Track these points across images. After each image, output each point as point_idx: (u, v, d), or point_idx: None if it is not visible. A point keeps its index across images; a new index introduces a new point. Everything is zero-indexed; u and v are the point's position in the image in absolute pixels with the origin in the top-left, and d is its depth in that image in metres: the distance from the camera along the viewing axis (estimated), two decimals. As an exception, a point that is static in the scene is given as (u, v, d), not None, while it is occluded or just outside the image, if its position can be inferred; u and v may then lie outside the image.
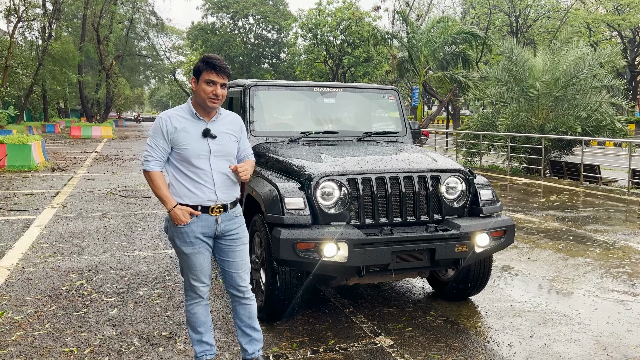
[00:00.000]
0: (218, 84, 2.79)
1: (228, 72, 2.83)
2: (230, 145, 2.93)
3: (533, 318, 4.07)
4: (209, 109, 2.85)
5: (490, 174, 13.25)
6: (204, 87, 2.78)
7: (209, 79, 2.78)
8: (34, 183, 11.29)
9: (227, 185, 2.91)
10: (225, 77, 2.82)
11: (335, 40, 34.59)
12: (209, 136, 2.85)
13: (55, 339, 3.61)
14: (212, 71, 2.78)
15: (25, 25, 29.08)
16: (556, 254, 5.82)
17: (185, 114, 2.87)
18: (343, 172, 3.70)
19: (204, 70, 2.78)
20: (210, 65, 2.78)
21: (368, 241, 3.49)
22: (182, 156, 2.81)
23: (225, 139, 2.91)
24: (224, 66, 2.81)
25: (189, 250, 2.86)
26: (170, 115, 2.86)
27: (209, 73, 2.78)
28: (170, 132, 2.80)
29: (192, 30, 52.00)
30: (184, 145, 2.80)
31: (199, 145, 2.82)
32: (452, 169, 3.98)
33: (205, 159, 2.84)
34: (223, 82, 2.81)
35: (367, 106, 5.33)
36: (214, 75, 2.78)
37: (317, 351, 3.47)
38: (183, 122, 2.83)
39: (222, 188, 2.88)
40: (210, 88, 2.78)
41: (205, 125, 2.87)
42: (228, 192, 2.91)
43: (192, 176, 2.82)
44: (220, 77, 2.79)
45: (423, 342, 3.63)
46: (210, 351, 3.06)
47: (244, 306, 3.05)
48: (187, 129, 2.82)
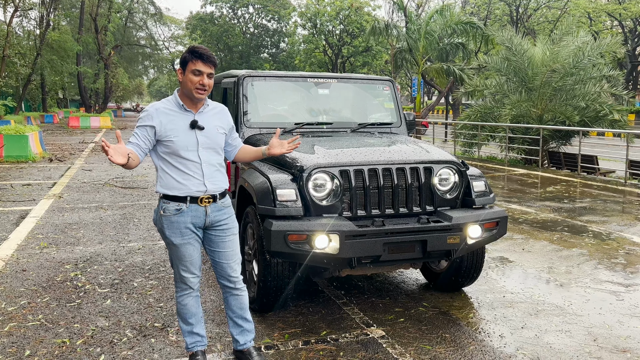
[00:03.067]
0: (205, 74, 2.77)
1: (214, 62, 2.81)
2: (218, 137, 2.92)
3: (525, 309, 4.08)
4: (195, 100, 2.84)
5: (488, 165, 13.24)
6: (190, 77, 2.76)
7: (196, 69, 2.76)
8: (31, 174, 11.28)
9: (215, 176, 2.91)
10: (211, 66, 2.80)
11: (335, 30, 34.41)
12: (197, 128, 2.83)
13: (48, 330, 3.63)
14: (198, 60, 2.75)
15: (23, 15, 28.88)
16: (551, 245, 5.83)
17: (172, 106, 2.85)
18: (335, 163, 3.69)
19: (190, 60, 2.76)
20: (197, 55, 2.76)
21: (360, 233, 3.49)
22: (171, 148, 2.80)
23: (212, 131, 2.90)
24: (210, 55, 2.79)
25: (179, 241, 2.86)
26: (157, 108, 2.83)
27: (196, 63, 2.76)
28: (156, 126, 2.77)
29: (191, 19, 51.73)
30: (172, 137, 2.79)
31: (187, 137, 2.81)
32: (445, 160, 3.97)
33: (194, 150, 2.83)
34: (210, 72, 2.80)
35: (362, 97, 5.31)
36: (200, 64, 2.76)
37: (309, 342, 3.48)
38: (170, 115, 2.82)
39: (210, 179, 2.88)
40: (197, 78, 2.76)
41: (193, 116, 2.85)
42: (217, 182, 2.91)
43: (181, 168, 2.82)
44: (207, 67, 2.77)
45: (414, 333, 3.64)
46: (201, 342, 3.07)
47: (235, 297, 3.07)
48: (175, 121, 2.81)
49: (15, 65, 30.06)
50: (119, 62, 41.00)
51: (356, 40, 31.99)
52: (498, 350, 3.40)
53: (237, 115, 4.74)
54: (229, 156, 3.15)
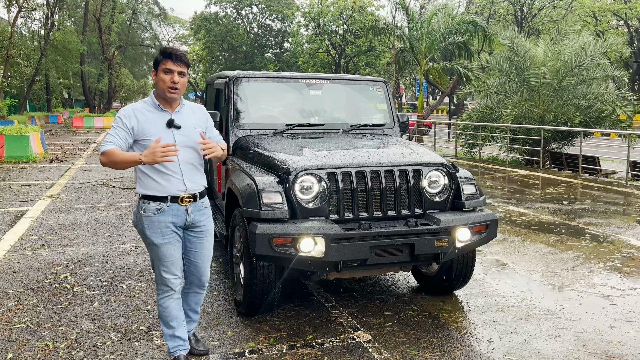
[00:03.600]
0: (175, 72, 2.81)
1: (184, 61, 2.85)
2: (195, 135, 2.95)
3: (516, 313, 4.03)
4: (169, 99, 2.87)
5: (489, 165, 13.15)
6: (162, 77, 2.81)
7: (166, 68, 2.81)
8: (31, 174, 11.30)
9: (194, 174, 2.96)
10: (182, 65, 2.84)
11: (338, 30, 34.35)
12: (174, 126, 2.87)
13: (32, 332, 3.61)
14: (168, 60, 2.81)
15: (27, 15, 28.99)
16: (547, 248, 5.77)
17: (148, 106, 2.89)
18: (322, 166, 3.65)
19: (161, 60, 2.82)
20: (166, 55, 2.82)
21: (346, 236, 3.44)
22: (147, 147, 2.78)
23: (189, 129, 2.93)
24: (181, 54, 2.84)
25: (159, 241, 2.88)
26: (134, 108, 2.87)
27: (166, 62, 2.81)
28: (133, 125, 2.80)
29: (195, 20, 51.79)
30: (149, 136, 2.81)
31: (164, 135, 2.83)
32: (435, 162, 3.92)
33: None
34: (180, 70, 2.83)
35: (355, 98, 5.26)
36: (170, 63, 2.80)
37: (294, 346, 3.44)
38: (147, 115, 2.85)
39: (190, 177, 2.93)
40: (167, 76, 2.80)
41: (169, 116, 2.89)
42: (196, 181, 2.97)
43: (159, 168, 2.83)
44: (176, 65, 2.81)
45: (402, 338, 3.60)
46: (183, 346, 3.07)
47: (196, 294, 3.24)
48: (151, 120, 2.84)
49: (19, 66, 30.25)
50: (123, 62, 41.13)
51: (359, 40, 31.88)
52: (485, 356, 3.35)
53: (227, 116, 4.72)
54: None
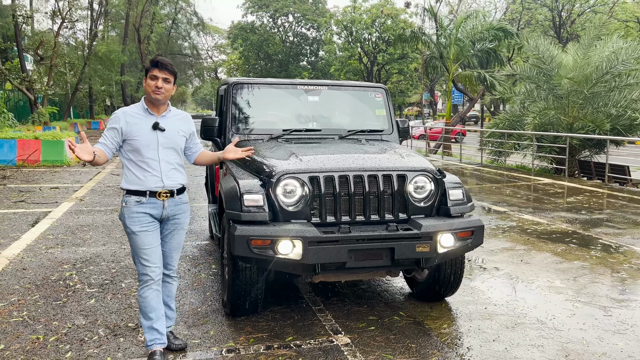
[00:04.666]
0: (160, 78, 3.13)
1: (169, 69, 3.15)
2: (177, 139, 3.25)
3: (503, 321, 3.97)
4: (154, 102, 3.18)
5: (514, 174, 12.88)
6: (148, 82, 3.16)
7: (152, 74, 3.15)
8: (62, 177, 11.79)
9: (173, 173, 3.24)
10: (167, 72, 3.15)
11: (370, 37, 34.38)
12: (158, 129, 3.18)
13: (27, 326, 3.79)
14: (154, 68, 3.16)
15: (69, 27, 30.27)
16: (552, 257, 5.63)
17: (138, 110, 3.22)
18: (304, 170, 3.70)
19: (149, 68, 3.18)
20: (153, 63, 3.18)
21: (323, 239, 3.49)
22: (133, 146, 3.14)
23: (173, 133, 3.22)
24: (166, 63, 3.16)
25: (137, 229, 3.13)
26: (124, 111, 3.22)
27: (152, 70, 3.16)
28: (122, 126, 3.13)
29: (232, 29, 52.92)
30: (135, 136, 3.13)
31: (149, 136, 3.15)
32: (420, 168, 3.92)
33: (154, 149, 3.17)
34: (165, 77, 3.16)
35: (353, 104, 5.31)
36: (155, 70, 3.15)
37: (271, 347, 3.50)
38: (136, 117, 3.18)
39: (167, 175, 3.21)
40: (152, 82, 3.14)
41: (156, 119, 3.20)
42: (174, 179, 3.23)
43: (141, 165, 3.15)
44: (161, 72, 3.14)
45: (380, 342, 3.60)
46: (160, 340, 3.20)
47: (165, 284, 3.39)
48: (139, 122, 3.16)
49: (63, 75, 31.57)
50: (161, 71, 42.24)
51: (391, 48, 31.82)
52: (460, 363, 3.32)
53: (226, 121, 4.84)
54: (190, 159, 3.48)
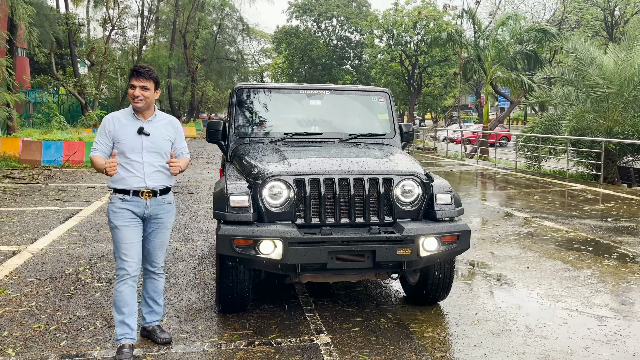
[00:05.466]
0: (137, 87, 3.31)
1: (147, 76, 3.30)
2: (162, 143, 3.42)
3: (490, 328, 3.93)
4: (135, 109, 3.37)
5: (547, 179, 12.51)
6: (129, 91, 3.37)
7: (131, 83, 3.35)
8: (101, 177, 12.33)
9: (156, 175, 3.42)
10: (144, 80, 3.29)
11: (412, 40, 34.12)
12: (143, 133, 3.35)
13: (33, 315, 4.07)
14: (132, 77, 3.35)
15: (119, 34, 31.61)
16: (561, 265, 5.49)
17: (126, 115, 3.42)
18: (290, 172, 3.81)
19: (129, 78, 3.32)
20: (131, 72, 3.31)
21: (303, 240, 3.58)
22: (120, 149, 3.33)
23: (158, 137, 3.38)
24: (142, 72, 3.30)
25: (119, 223, 3.32)
26: (113, 116, 3.43)
27: (131, 79, 3.36)
28: (110, 130, 3.34)
29: (277, 33, 53.69)
30: (122, 140, 3.33)
31: (134, 140, 3.34)
32: (407, 172, 3.94)
33: (139, 152, 3.35)
34: (143, 85, 3.32)
35: (356, 108, 5.36)
36: (134, 80, 3.33)
37: (252, 343, 3.62)
38: (123, 122, 3.38)
39: (151, 177, 3.39)
40: (131, 90, 3.33)
41: (142, 124, 3.38)
42: (157, 180, 3.42)
43: (126, 166, 3.33)
44: (139, 81, 3.31)
45: (360, 343, 3.65)
46: (129, 335, 3.34)
47: (152, 280, 3.55)
48: (126, 127, 3.36)
49: (113, 79, 32.98)
50: (208, 75, 43.43)
51: (433, 50, 31.46)
52: (434, 366, 3.33)
53: (229, 124, 5.01)
54: None
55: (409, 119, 37.63)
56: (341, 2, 50.28)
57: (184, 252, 5.91)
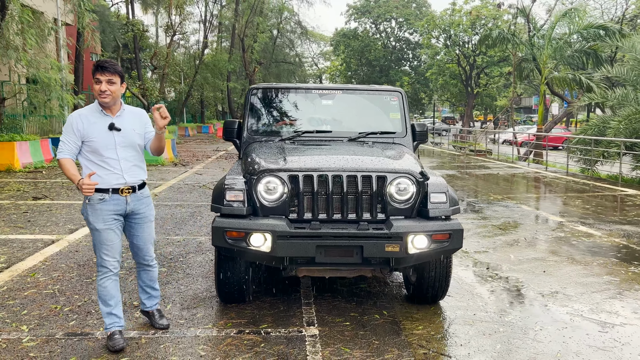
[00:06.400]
0: (103, 81, 3.24)
1: (111, 70, 3.25)
2: (134, 137, 3.42)
3: (483, 328, 3.89)
4: (102, 104, 3.32)
5: (598, 184, 11.90)
6: (94, 86, 3.29)
7: (96, 78, 3.27)
8: (152, 175, 12.98)
9: (133, 170, 3.44)
10: (109, 74, 3.25)
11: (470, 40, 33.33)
12: (115, 129, 3.33)
13: (53, 297, 4.43)
14: (96, 71, 3.26)
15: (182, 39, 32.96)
16: (582, 270, 5.29)
17: (93, 111, 3.37)
18: (285, 168, 3.93)
19: (93, 73, 3.29)
20: (95, 67, 3.28)
21: (292, 234, 3.70)
22: (92, 147, 3.31)
23: (129, 132, 3.40)
24: (107, 65, 3.26)
25: (101, 226, 3.35)
26: (80, 113, 3.37)
27: (95, 73, 3.27)
28: (79, 129, 3.29)
29: (335, 36, 54.09)
30: (92, 138, 3.30)
31: (106, 137, 3.32)
32: (402, 170, 3.97)
33: (113, 149, 3.34)
34: (109, 79, 3.25)
35: (367, 107, 5.41)
36: (98, 74, 3.26)
37: (243, 332, 3.78)
38: (91, 119, 3.33)
39: (129, 172, 3.41)
40: (97, 86, 3.26)
41: (111, 119, 3.35)
42: (135, 175, 3.46)
43: (101, 164, 3.33)
44: (104, 75, 3.24)
45: (347, 337, 3.72)
46: (118, 323, 3.52)
47: (147, 272, 3.74)
48: (95, 124, 3.32)
49: (175, 83, 34.42)
50: (266, 78, 44.37)
51: (492, 50, 30.59)
52: (411, 362, 3.35)
53: (243, 123, 5.21)
54: (148, 150, 3.61)
55: (466, 121, 36.75)
56: (400, 3, 49.98)
57: (206, 245, 6.17)
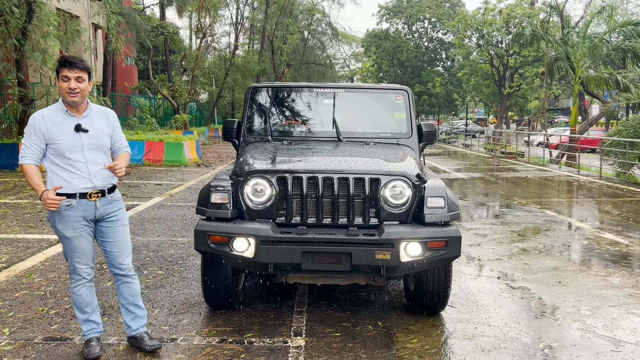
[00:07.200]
0: (72, 78, 3.03)
1: (80, 66, 3.05)
2: (102, 138, 3.20)
3: (482, 344, 3.60)
4: (71, 103, 3.09)
5: (632, 188, 11.27)
6: (60, 84, 3.06)
7: (63, 75, 3.04)
8: (173, 176, 13.04)
9: (102, 173, 3.18)
10: (78, 71, 3.04)
11: (504, 40, 32.47)
12: (81, 130, 3.11)
13: (43, 299, 4.36)
14: (64, 68, 3.04)
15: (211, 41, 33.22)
16: (601, 282, 4.91)
17: (57, 112, 3.14)
18: (273, 170, 3.75)
19: (59, 69, 3.06)
20: (61, 63, 3.06)
21: (276, 239, 3.51)
22: (57, 150, 3.07)
23: (97, 133, 3.17)
24: (75, 61, 3.05)
25: (71, 234, 3.13)
26: (43, 114, 3.12)
27: (62, 70, 3.05)
28: (43, 131, 3.06)
29: (367, 37, 53.65)
30: (57, 140, 3.07)
31: (72, 139, 3.09)
32: (397, 172, 3.72)
33: (79, 151, 3.11)
34: (78, 76, 3.04)
35: (371, 107, 5.16)
36: (65, 71, 3.03)
37: (225, 341, 3.60)
38: (55, 120, 3.10)
39: (97, 176, 3.16)
40: (65, 83, 3.04)
41: (77, 120, 3.12)
42: (104, 179, 3.20)
43: (67, 168, 3.09)
44: (72, 72, 3.02)
45: (334, 349, 3.50)
46: (96, 329, 3.36)
47: (126, 284, 3.37)
48: (60, 125, 3.09)
49: (205, 84, 34.75)
50: (296, 79, 44.39)
51: (525, 50, 29.71)
52: (398, 379, 3.11)
53: (242, 123, 5.05)
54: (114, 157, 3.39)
55: (499, 122, 35.81)
56: (433, 3, 49.18)
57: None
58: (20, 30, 12.44)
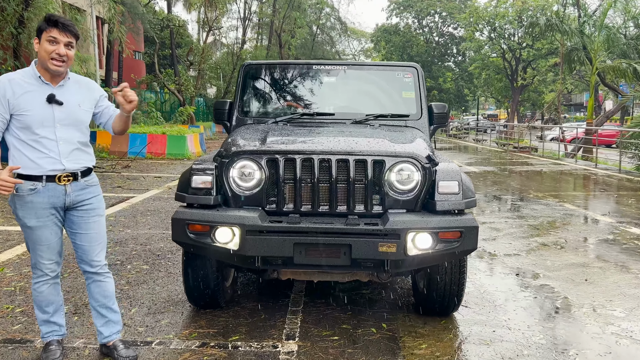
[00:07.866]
0: (61, 43, 2.58)
1: (73, 32, 2.61)
2: (79, 113, 2.72)
3: (502, 350, 3.12)
4: (53, 72, 2.62)
5: (655, 182, 10.70)
6: (45, 47, 2.57)
7: (51, 36, 2.57)
8: (173, 169, 12.63)
9: (75, 154, 2.71)
10: (70, 35, 2.60)
11: (516, 32, 31.72)
12: (55, 102, 2.62)
13: (11, 295, 3.94)
14: (53, 28, 2.57)
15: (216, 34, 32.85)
16: (632, 280, 4.40)
17: (28, 77, 2.64)
18: (262, 150, 3.29)
19: (45, 28, 2.58)
20: (52, 23, 2.58)
21: (265, 228, 3.05)
22: (24, 123, 2.59)
23: (73, 107, 2.69)
24: (68, 24, 2.61)
25: (33, 223, 2.67)
26: (10, 78, 2.63)
27: (50, 30, 2.57)
28: (8, 97, 2.58)
29: (376, 32, 52.98)
30: (25, 111, 2.59)
31: (43, 111, 2.61)
32: (404, 154, 3.24)
33: (50, 127, 2.63)
34: (68, 41, 2.61)
35: (377, 86, 4.68)
36: (55, 32, 2.57)
37: (206, 344, 3.16)
38: (25, 87, 2.61)
39: (69, 157, 2.68)
40: (52, 47, 2.57)
41: (51, 89, 2.64)
42: (77, 161, 2.73)
43: (34, 145, 2.62)
44: (63, 35, 2.58)
45: (330, 355, 3.05)
46: (57, 332, 2.92)
47: (97, 284, 2.89)
48: (30, 93, 2.61)
49: (213, 79, 34.42)
50: (304, 74, 43.95)
51: (539, 43, 28.95)
52: (404, 393, 2.64)
53: (234, 104, 4.59)
54: (109, 129, 2.93)
55: (511, 116, 35.08)
56: (443, -3, 48.42)
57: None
58: (17, 18, 12.09)
